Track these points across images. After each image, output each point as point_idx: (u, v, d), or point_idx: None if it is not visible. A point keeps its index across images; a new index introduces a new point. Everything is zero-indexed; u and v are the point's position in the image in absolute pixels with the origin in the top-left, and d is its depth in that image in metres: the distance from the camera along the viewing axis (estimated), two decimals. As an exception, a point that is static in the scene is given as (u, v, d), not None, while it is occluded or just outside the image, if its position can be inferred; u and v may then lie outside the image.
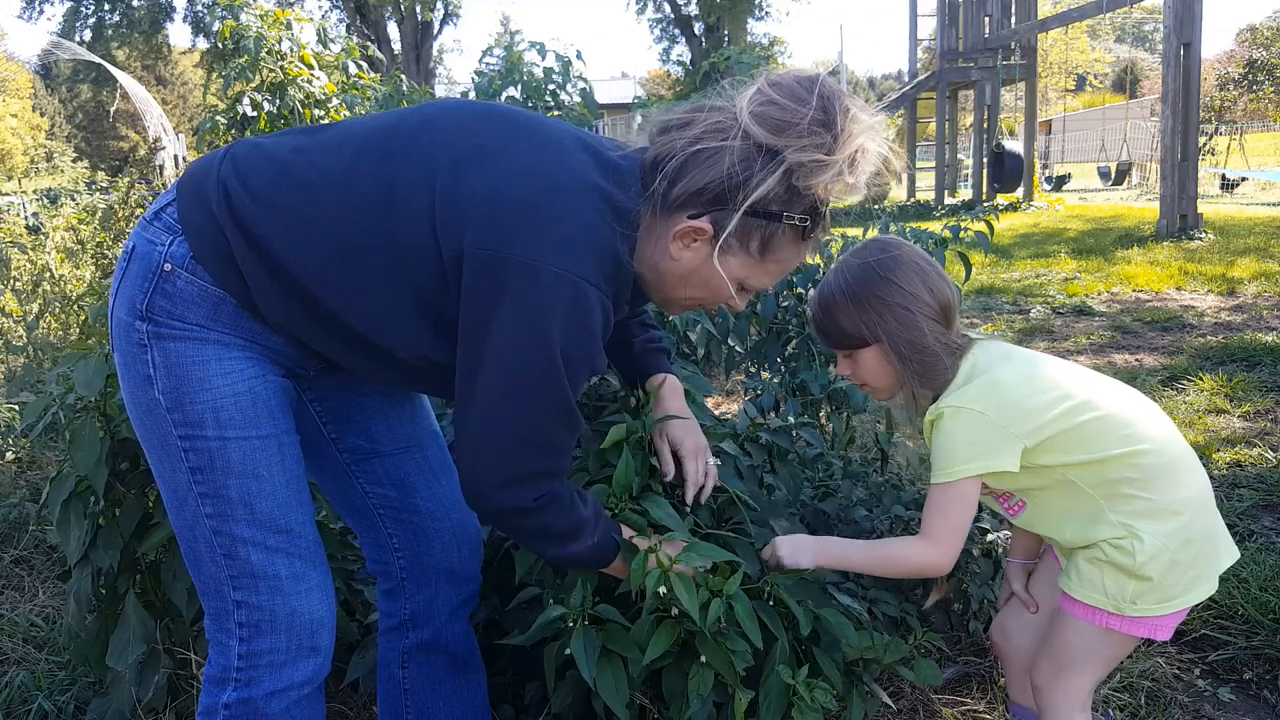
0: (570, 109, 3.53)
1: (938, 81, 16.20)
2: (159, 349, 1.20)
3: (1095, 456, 1.42)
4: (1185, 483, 1.46)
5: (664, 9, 35.11)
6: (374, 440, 1.50)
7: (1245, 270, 7.30)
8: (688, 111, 1.27)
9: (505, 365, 1.17)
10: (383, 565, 1.57)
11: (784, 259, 1.29)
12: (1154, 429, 1.47)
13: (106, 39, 29.79)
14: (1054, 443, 1.42)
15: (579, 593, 1.40)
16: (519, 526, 1.28)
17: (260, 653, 1.27)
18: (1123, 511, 1.43)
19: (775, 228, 1.23)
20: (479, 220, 1.17)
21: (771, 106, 1.20)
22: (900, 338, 1.47)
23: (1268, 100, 21.56)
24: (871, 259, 1.50)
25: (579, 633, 1.37)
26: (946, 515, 1.46)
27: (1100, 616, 1.46)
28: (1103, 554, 1.44)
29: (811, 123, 1.18)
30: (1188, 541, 1.42)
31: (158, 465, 1.26)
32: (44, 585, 2.70)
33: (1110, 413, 1.44)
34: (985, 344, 1.53)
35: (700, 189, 1.21)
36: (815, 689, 1.39)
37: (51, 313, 5.09)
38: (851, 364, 1.55)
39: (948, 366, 1.48)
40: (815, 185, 1.20)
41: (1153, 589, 1.42)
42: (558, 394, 1.19)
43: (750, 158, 1.19)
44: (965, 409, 1.43)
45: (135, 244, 1.23)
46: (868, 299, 1.48)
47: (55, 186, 11.84)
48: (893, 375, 1.51)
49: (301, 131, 1.30)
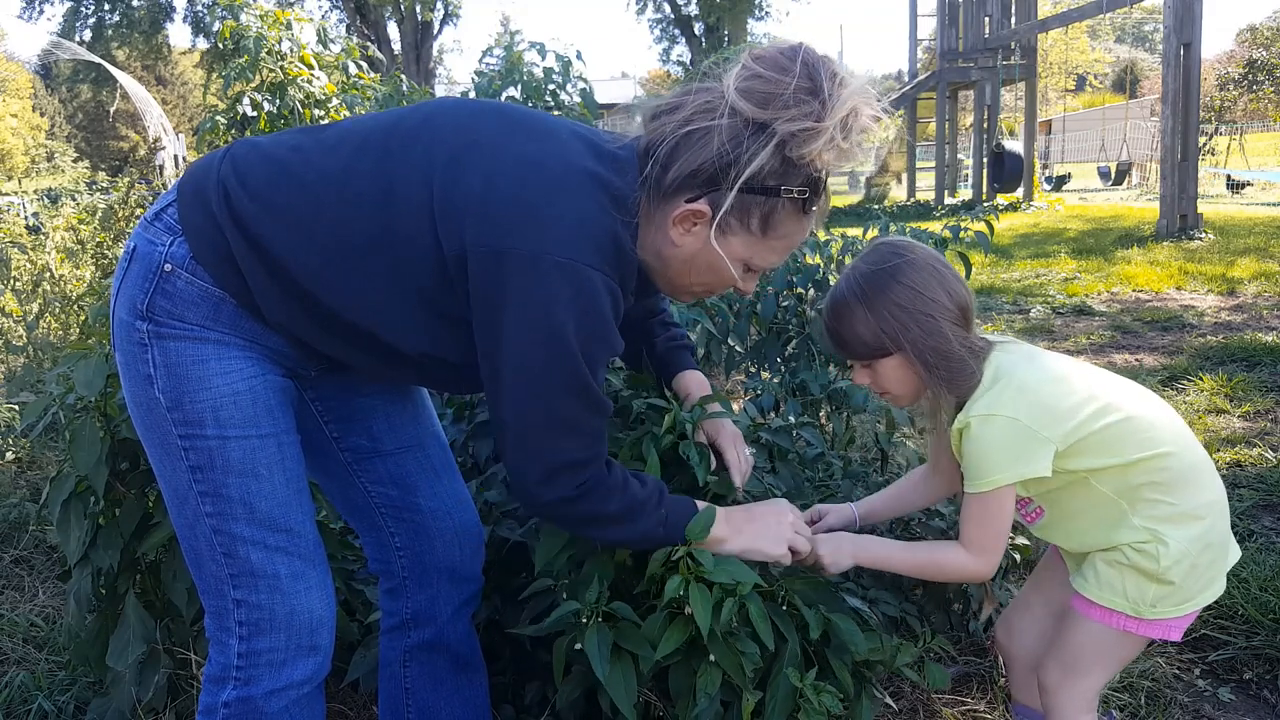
0: (570, 109, 3.52)
1: (938, 81, 16.20)
2: (159, 348, 1.21)
3: (1120, 461, 1.40)
4: (1206, 486, 1.44)
5: (664, 9, 35.12)
6: (375, 439, 1.49)
7: (1245, 270, 7.30)
8: (678, 95, 1.25)
9: (522, 361, 1.17)
10: (385, 565, 1.57)
11: (788, 234, 1.26)
12: (1175, 432, 1.45)
13: (106, 39, 29.79)
14: (1083, 445, 1.39)
15: (594, 589, 1.39)
16: (568, 516, 1.28)
17: (260, 651, 1.27)
18: (1147, 516, 1.41)
19: (774, 203, 1.21)
20: (477, 216, 1.17)
21: (756, 80, 1.18)
22: (924, 345, 1.41)
23: (1268, 100, 21.57)
24: (885, 264, 1.43)
25: (593, 629, 1.36)
26: (986, 524, 1.43)
27: (1118, 619, 1.45)
28: (1124, 557, 1.42)
29: (797, 90, 1.16)
30: (1208, 545, 1.41)
31: (158, 464, 1.26)
32: (44, 585, 2.70)
33: (1134, 415, 1.42)
34: (1006, 345, 1.49)
35: (694, 171, 1.20)
36: (822, 693, 1.39)
37: (51, 313, 5.09)
38: (871, 373, 1.50)
39: (974, 371, 1.43)
40: (809, 154, 1.18)
41: (1174, 592, 1.41)
42: (577, 380, 1.19)
43: (739, 134, 1.18)
44: (996, 416, 1.39)
45: (136, 244, 1.23)
46: (886, 307, 1.42)
47: (55, 186, 11.84)
48: (916, 383, 1.46)
49: (300, 131, 1.30)
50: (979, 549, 1.44)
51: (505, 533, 1.79)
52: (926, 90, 16.70)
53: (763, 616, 1.35)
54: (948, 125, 16.68)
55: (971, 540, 1.45)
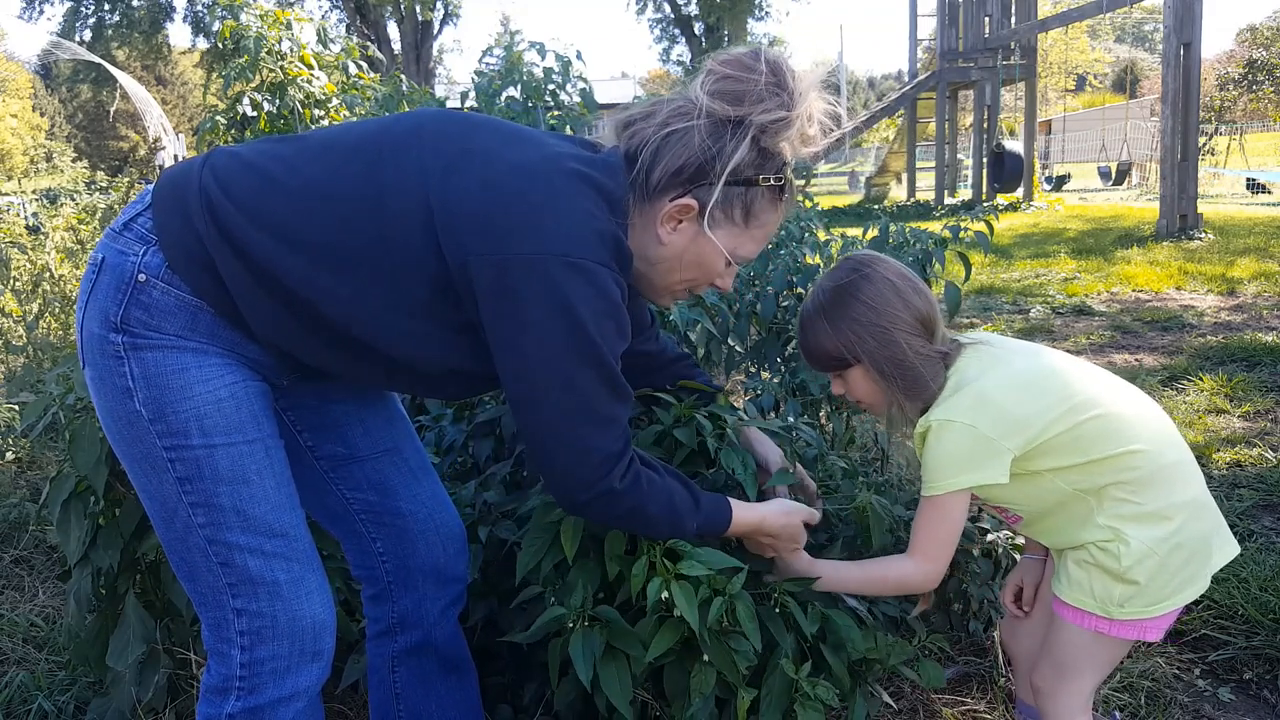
0: (570, 109, 3.52)
1: (938, 81, 16.19)
2: (137, 360, 1.18)
3: (1086, 459, 1.41)
4: (1179, 488, 1.44)
5: (664, 9, 35.13)
6: (351, 446, 1.48)
7: (1245, 270, 7.30)
8: (646, 106, 1.32)
9: (547, 362, 1.18)
10: (368, 570, 1.56)
11: (766, 223, 1.34)
12: (1153, 430, 1.46)
13: (106, 39, 29.77)
14: (1047, 447, 1.41)
15: (579, 594, 1.40)
16: (613, 513, 1.30)
17: (263, 660, 1.25)
18: (1111, 514, 1.42)
19: (754, 192, 1.29)
20: (478, 225, 1.17)
21: (726, 81, 1.26)
22: (880, 355, 1.48)
23: (1268, 100, 21.56)
24: (844, 280, 1.51)
25: (578, 634, 1.37)
26: (935, 529, 1.48)
27: (1089, 620, 1.46)
28: (1090, 556, 1.44)
29: (767, 85, 1.25)
30: (1177, 546, 1.41)
31: (142, 480, 1.24)
32: (44, 585, 2.70)
33: (1109, 413, 1.43)
34: (976, 349, 1.51)
35: (678, 169, 1.26)
36: (818, 685, 1.39)
37: (51, 313, 5.09)
38: (843, 383, 1.57)
39: (931, 379, 1.48)
40: (780, 143, 1.27)
41: (1141, 592, 1.42)
42: (603, 372, 1.21)
43: (719, 131, 1.25)
44: (953, 423, 1.43)
45: (104, 255, 1.20)
46: (843, 320, 1.49)
47: (55, 186, 11.84)
48: (881, 392, 1.52)
49: (279, 140, 1.29)
50: (923, 555, 1.48)
51: (504, 534, 1.79)
52: (926, 90, 16.68)
53: (750, 616, 1.36)
54: (948, 125, 16.67)
55: (918, 545, 1.49)
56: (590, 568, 1.46)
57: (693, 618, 1.31)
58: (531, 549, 1.48)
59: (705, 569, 1.36)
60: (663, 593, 1.33)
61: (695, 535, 1.39)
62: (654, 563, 1.37)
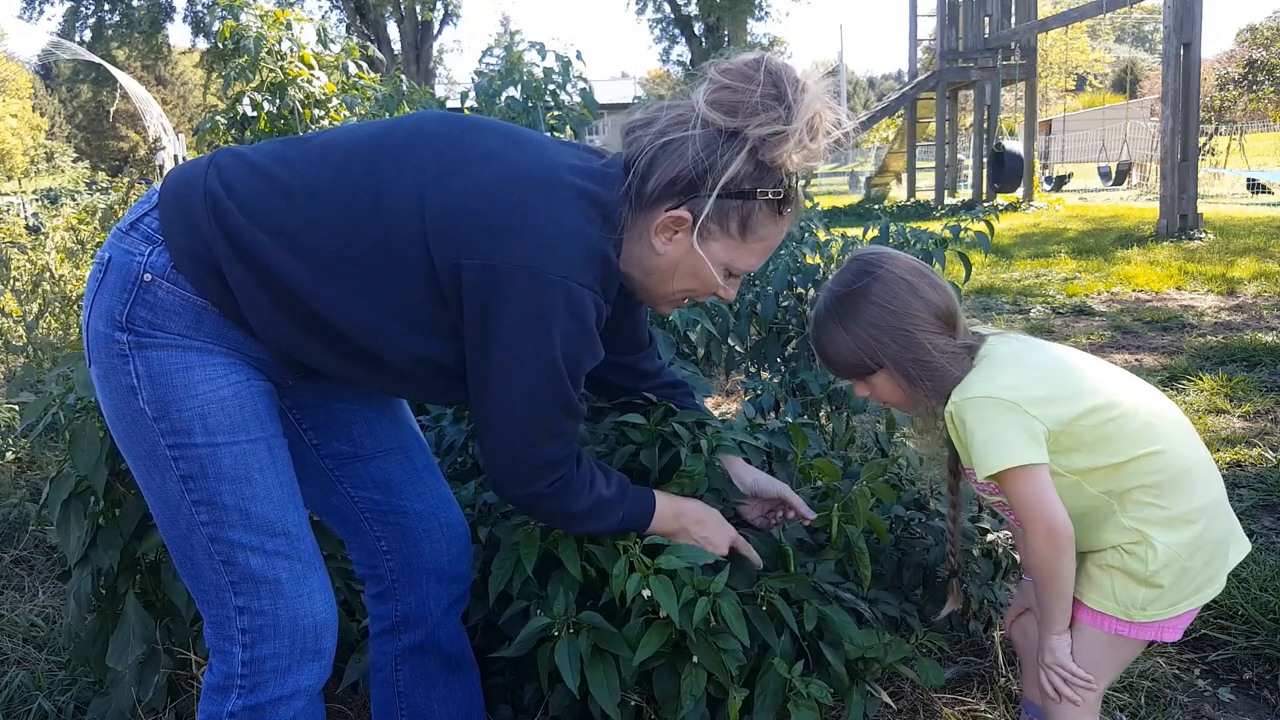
0: (570, 109, 3.52)
1: (938, 81, 16.19)
2: (141, 359, 1.19)
3: (1112, 460, 1.39)
4: (1199, 490, 1.43)
5: (664, 9, 35.13)
6: (356, 444, 1.49)
7: (1245, 270, 7.30)
8: (649, 112, 1.31)
9: (510, 369, 1.21)
10: (371, 569, 1.56)
11: (765, 236, 1.32)
12: (1173, 429, 1.44)
13: (106, 39, 29.78)
14: (1075, 439, 1.38)
15: (561, 602, 1.41)
16: (541, 511, 1.38)
17: (264, 658, 1.26)
18: (1135, 517, 1.40)
19: (751, 205, 1.27)
20: (469, 229, 1.18)
21: (724, 91, 1.24)
22: (904, 359, 1.42)
23: (1268, 100, 21.54)
24: (855, 284, 1.44)
25: (563, 642, 1.38)
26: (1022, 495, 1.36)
27: (1109, 623, 1.44)
28: (1112, 560, 1.42)
29: (764, 98, 1.22)
30: (1199, 549, 1.41)
31: (146, 478, 1.24)
32: (44, 585, 2.70)
33: (1131, 410, 1.41)
34: (1003, 337, 1.48)
35: (672, 179, 1.25)
36: (811, 684, 1.39)
37: (51, 313, 5.09)
38: (868, 388, 1.51)
39: (959, 374, 1.43)
40: (780, 157, 1.24)
41: (1163, 595, 1.41)
42: (561, 391, 1.24)
43: (713, 142, 1.24)
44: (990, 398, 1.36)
45: (111, 255, 1.22)
46: (861, 327, 1.43)
47: (55, 186, 11.85)
48: (908, 395, 1.47)
49: (283, 142, 1.30)
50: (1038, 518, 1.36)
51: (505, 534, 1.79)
52: (926, 90, 16.68)
53: (736, 614, 1.36)
54: (948, 125, 16.67)
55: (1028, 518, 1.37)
56: (570, 576, 1.46)
57: (673, 609, 1.32)
58: (501, 570, 1.52)
59: (683, 563, 1.37)
60: (643, 589, 1.34)
61: (619, 529, 1.42)
62: (633, 562, 1.38)
